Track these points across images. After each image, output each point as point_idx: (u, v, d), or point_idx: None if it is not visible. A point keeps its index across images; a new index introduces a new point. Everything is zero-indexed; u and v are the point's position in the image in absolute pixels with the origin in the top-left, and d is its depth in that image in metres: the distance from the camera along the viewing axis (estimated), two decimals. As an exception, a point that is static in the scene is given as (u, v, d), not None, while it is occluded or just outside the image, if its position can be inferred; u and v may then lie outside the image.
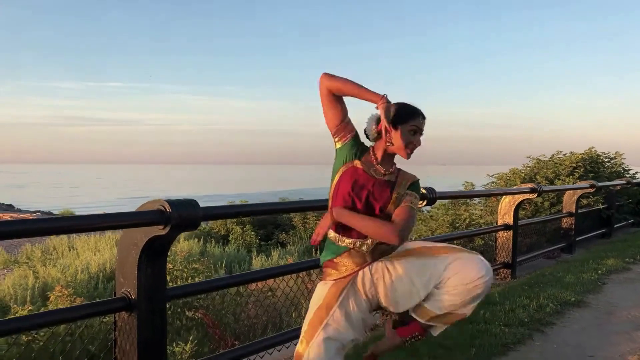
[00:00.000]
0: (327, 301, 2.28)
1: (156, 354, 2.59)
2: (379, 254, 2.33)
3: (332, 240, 2.36)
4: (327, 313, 2.25)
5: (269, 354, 3.48)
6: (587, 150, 11.48)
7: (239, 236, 14.62)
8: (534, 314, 4.40)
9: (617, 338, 3.99)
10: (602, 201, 9.56)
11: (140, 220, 2.35)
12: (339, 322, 2.23)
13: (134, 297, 2.50)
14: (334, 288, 2.31)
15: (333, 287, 2.32)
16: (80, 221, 2.31)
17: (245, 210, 3.20)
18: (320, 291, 2.36)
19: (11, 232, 2.05)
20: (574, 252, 7.97)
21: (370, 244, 2.30)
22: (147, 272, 2.52)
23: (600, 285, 5.60)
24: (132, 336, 2.53)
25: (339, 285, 2.31)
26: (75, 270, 9.27)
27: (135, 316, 2.51)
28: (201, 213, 2.48)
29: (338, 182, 2.33)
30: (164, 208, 2.35)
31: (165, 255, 2.63)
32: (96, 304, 2.65)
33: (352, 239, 2.30)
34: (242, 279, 3.42)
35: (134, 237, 2.48)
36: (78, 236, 15.26)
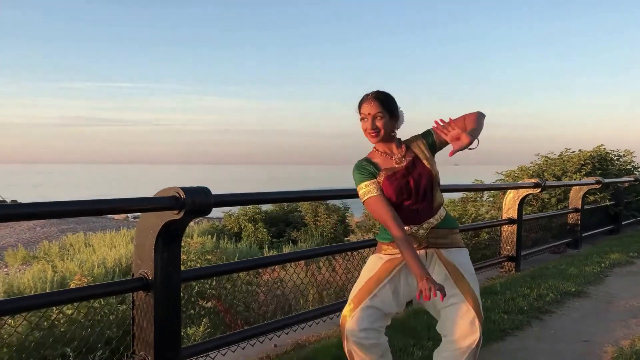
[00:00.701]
0: (379, 275, 2.47)
1: (171, 330, 2.79)
2: (435, 238, 2.48)
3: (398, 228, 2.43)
4: (376, 285, 2.44)
5: (277, 336, 3.67)
6: (596, 148, 11.54)
7: (251, 233, 14.85)
8: (533, 302, 4.56)
9: (613, 325, 4.14)
10: (609, 198, 9.64)
11: (157, 205, 2.55)
12: (386, 296, 2.43)
13: (150, 278, 2.71)
14: (388, 264, 2.49)
15: (387, 262, 2.50)
16: (104, 205, 2.51)
17: (254, 198, 3.40)
18: (372, 264, 2.55)
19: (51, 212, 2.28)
20: (580, 247, 8.07)
21: (425, 229, 2.47)
22: (163, 254, 2.72)
23: (602, 278, 5.73)
24: (149, 314, 2.73)
25: (393, 262, 2.49)
26: (91, 264, 9.53)
27: (152, 295, 2.71)
28: (212, 199, 2.68)
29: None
30: (178, 194, 2.55)
31: (180, 239, 2.83)
32: (116, 283, 2.87)
33: (409, 226, 2.44)
34: (253, 263, 3.63)
35: (151, 222, 2.68)
36: (94, 233, 15.63)
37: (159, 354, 2.73)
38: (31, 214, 2.34)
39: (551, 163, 10.87)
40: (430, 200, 2.47)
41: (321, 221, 15.25)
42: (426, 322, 3.70)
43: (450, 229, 2.54)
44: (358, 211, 16.59)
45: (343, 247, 4.49)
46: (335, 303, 4.13)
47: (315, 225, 15.23)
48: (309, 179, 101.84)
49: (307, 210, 15.69)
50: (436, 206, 2.50)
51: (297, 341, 3.71)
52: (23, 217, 2.31)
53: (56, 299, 2.65)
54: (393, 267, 2.49)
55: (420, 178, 2.44)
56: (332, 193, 3.99)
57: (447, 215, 2.56)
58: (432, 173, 2.47)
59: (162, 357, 2.75)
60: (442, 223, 2.50)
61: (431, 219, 2.47)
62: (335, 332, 3.86)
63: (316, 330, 3.90)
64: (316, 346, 3.50)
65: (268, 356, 3.39)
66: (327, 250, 4.41)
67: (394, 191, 2.43)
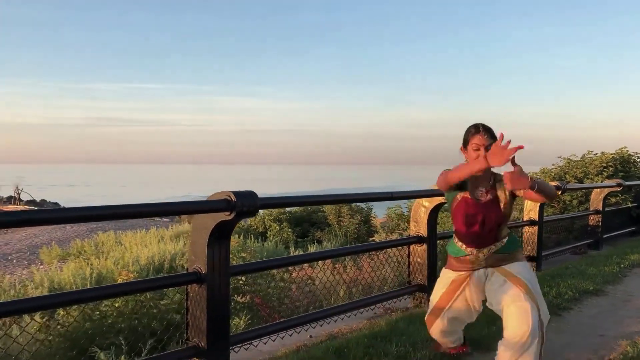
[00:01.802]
0: (453, 288, 3.01)
1: (222, 319, 3.12)
2: (493, 260, 2.92)
3: (457, 245, 3.02)
4: (449, 298, 3.01)
5: (312, 328, 3.98)
6: (619, 150, 11.61)
7: (276, 233, 15.19)
8: (552, 300, 4.79)
9: (629, 321, 4.37)
10: (631, 200, 9.77)
11: (212, 207, 2.88)
12: (458, 307, 3.00)
13: (204, 272, 3.04)
14: (459, 279, 3.00)
15: (458, 277, 3.01)
16: (166, 207, 2.85)
17: (296, 200, 3.71)
18: (445, 278, 3.08)
19: (118, 214, 2.63)
20: (601, 248, 8.23)
21: (485, 253, 2.92)
22: (214, 251, 3.05)
23: (621, 277, 5.94)
24: (202, 304, 3.07)
25: (462, 278, 3.00)
26: (125, 262, 9.94)
27: (205, 287, 3.04)
28: (259, 202, 3.00)
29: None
30: (230, 198, 2.88)
31: (229, 237, 3.15)
32: (173, 277, 3.21)
33: (472, 248, 2.94)
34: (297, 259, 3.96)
35: (204, 222, 3.01)
36: (123, 232, 16.12)
37: (211, 340, 3.06)
38: (103, 215, 2.69)
39: (573, 165, 10.99)
40: (494, 234, 2.90)
41: (345, 221, 15.53)
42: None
43: (509, 253, 2.93)
44: (381, 212, 16.82)
45: (379, 245, 4.80)
46: (364, 298, 4.44)
47: (338, 225, 15.52)
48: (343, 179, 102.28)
49: (331, 211, 15.98)
50: (499, 237, 2.92)
51: (330, 332, 4.02)
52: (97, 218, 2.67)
53: (124, 289, 3.01)
54: (462, 282, 3.00)
55: (491, 216, 2.85)
56: (370, 196, 4.32)
57: (508, 240, 2.96)
58: (503, 216, 2.87)
59: (214, 343, 3.08)
60: (502, 248, 2.93)
61: (492, 245, 2.91)
62: (366, 324, 4.16)
63: (347, 323, 4.21)
64: (348, 337, 3.79)
65: (305, 345, 3.69)
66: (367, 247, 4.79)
67: (463, 215, 2.91)
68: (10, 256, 16.47)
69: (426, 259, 4.67)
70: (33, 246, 18.39)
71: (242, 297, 5.20)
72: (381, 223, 16.14)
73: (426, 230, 4.63)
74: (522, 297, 2.74)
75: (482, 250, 2.92)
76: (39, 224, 2.46)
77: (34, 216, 2.43)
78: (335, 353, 3.39)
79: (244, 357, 3.46)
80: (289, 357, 3.40)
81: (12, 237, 21.23)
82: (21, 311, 2.77)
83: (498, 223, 2.87)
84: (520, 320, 2.69)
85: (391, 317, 4.27)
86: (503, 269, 2.90)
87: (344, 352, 3.40)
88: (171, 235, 14.34)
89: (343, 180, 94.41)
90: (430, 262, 4.67)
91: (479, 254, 2.92)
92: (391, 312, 4.58)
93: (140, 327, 4.59)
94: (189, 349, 3.09)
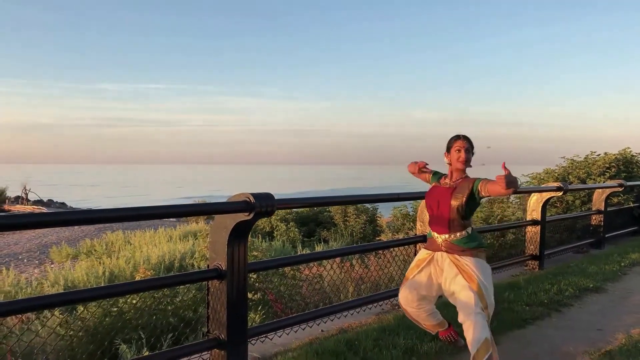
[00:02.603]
0: (418, 263, 3.50)
1: (240, 313, 3.32)
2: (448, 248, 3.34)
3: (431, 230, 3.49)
4: (414, 270, 3.49)
5: (323, 323, 4.18)
6: (622, 151, 11.75)
7: (283, 232, 15.40)
8: (553, 296, 4.99)
9: (627, 317, 4.56)
10: (632, 200, 9.93)
11: (232, 208, 3.09)
12: (421, 279, 3.44)
13: (224, 269, 3.24)
14: (426, 257, 3.46)
15: (425, 255, 3.47)
16: (189, 208, 3.06)
17: (310, 201, 3.92)
18: (418, 254, 3.60)
19: (146, 215, 2.83)
20: (603, 247, 8.41)
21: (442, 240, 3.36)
22: (234, 249, 3.26)
23: (621, 275, 6.12)
24: (222, 298, 3.27)
25: (428, 256, 3.45)
26: (136, 261, 10.15)
27: (225, 283, 3.25)
28: (276, 203, 3.21)
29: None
30: (249, 199, 3.08)
31: (247, 236, 3.36)
32: (194, 273, 3.41)
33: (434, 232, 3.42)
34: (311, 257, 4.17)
35: (224, 222, 3.22)
36: (131, 231, 16.36)
37: (230, 332, 3.27)
38: (130, 216, 2.91)
39: (576, 166, 11.15)
40: (446, 222, 3.33)
41: (350, 221, 15.72)
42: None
43: (466, 248, 3.31)
44: (387, 212, 17.02)
45: (389, 244, 5.00)
46: (372, 295, 4.64)
47: (344, 225, 15.71)
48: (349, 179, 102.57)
49: (337, 211, 16.17)
50: (453, 228, 3.32)
51: (341, 327, 4.22)
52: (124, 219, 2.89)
53: (151, 284, 3.20)
54: (425, 260, 3.46)
55: (444, 204, 3.34)
56: (379, 197, 4.54)
57: (467, 238, 3.33)
58: (452, 207, 3.30)
59: (233, 335, 3.28)
60: (458, 241, 3.31)
61: (447, 235, 3.34)
62: (375, 319, 4.36)
63: (357, 318, 4.41)
64: (358, 330, 4.00)
65: (317, 338, 3.89)
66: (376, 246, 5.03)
67: (428, 198, 3.51)
68: (20, 255, 16.71)
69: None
70: (42, 245, 18.62)
71: (255, 295, 5.41)
72: (387, 223, 16.32)
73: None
74: (467, 287, 3.16)
75: (440, 236, 3.37)
76: (74, 224, 2.66)
77: (69, 217, 2.65)
78: (347, 345, 3.59)
79: (260, 349, 3.66)
80: (302, 348, 3.60)
81: (21, 236, 21.49)
82: (61, 304, 2.98)
83: (447, 212, 3.31)
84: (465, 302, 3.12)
85: (399, 313, 4.46)
86: (457, 259, 3.30)
87: (354, 344, 3.60)
88: (179, 235, 14.57)
89: (348, 180, 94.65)
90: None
91: (438, 239, 3.39)
92: (398, 307, 4.77)
93: (157, 323, 4.81)
94: (210, 341, 3.29)
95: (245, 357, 3.37)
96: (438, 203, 3.37)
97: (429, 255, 3.45)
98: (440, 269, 3.39)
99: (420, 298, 3.47)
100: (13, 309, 2.67)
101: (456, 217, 3.31)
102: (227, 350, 3.27)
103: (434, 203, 3.41)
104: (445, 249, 3.35)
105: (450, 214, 3.31)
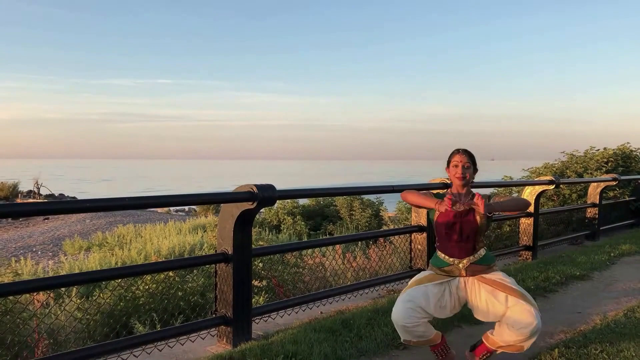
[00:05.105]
0: (421, 280, 3.21)
1: (245, 293, 3.67)
2: (472, 271, 3.17)
3: (440, 257, 3.25)
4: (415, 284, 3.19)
5: (323, 305, 4.53)
6: (621, 146, 11.99)
7: (289, 225, 15.75)
8: (540, 283, 5.30)
9: (607, 301, 4.87)
10: (628, 194, 10.20)
11: (238, 198, 3.43)
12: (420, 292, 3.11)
13: (230, 253, 3.59)
14: (432, 276, 3.21)
15: (432, 276, 3.22)
16: (198, 197, 3.41)
17: (309, 192, 4.25)
18: (422, 274, 3.31)
19: (155, 203, 3.18)
20: (597, 239, 8.69)
21: (465, 263, 3.17)
22: (239, 235, 3.61)
23: (609, 265, 6.42)
24: (229, 280, 3.62)
25: (437, 278, 3.20)
26: (147, 253, 10.53)
27: (231, 266, 3.60)
28: (277, 194, 3.55)
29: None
30: (252, 190, 3.43)
31: (252, 224, 3.71)
32: (204, 257, 3.77)
33: (453, 258, 3.19)
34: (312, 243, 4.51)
35: (230, 211, 3.57)
36: (141, 225, 16.78)
37: (236, 311, 3.63)
38: (151, 204, 3.25)
39: (575, 161, 11.43)
40: (472, 243, 3.17)
41: (356, 215, 16.06)
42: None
43: (487, 265, 3.20)
44: (391, 205, 17.34)
45: (385, 232, 5.35)
46: (369, 280, 4.98)
47: (350, 218, 16.05)
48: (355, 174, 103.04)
49: (343, 205, 16.51)
50: (477, 248, 3.18)
51: (339, 309, 4.56)
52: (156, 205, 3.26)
53: (163, 266, 3.57)
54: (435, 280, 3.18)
55: (467, 225, 3.15)
56: (373, 189, 4.88)
57: (485, 255, 3.21)
58: (478, 226, 3.15)
59: (238, 314, 3.64)
60: (480, 261, 3.18)
61: (470, 256, 3.16)
62: (370, 303, 4.70)
63: (354, 302, 4.75)
64: (354, 312, 4.34)
65: (316, 319, 4.23)
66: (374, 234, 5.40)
67: (444, 225, 3.20)
68: (34, 248, 17.17)
69: (426, 246, 5.19)
70: (55, 238, 19.07)
71: (260, 282, 5.76)
72: (392, 217, 16.66)
73: (426, 220, 5.15)
74: (521, 301, 3.00)
75: (462, 261, 3.16)
76: (101, 209, 3.01)
77: (97, 204, 3.00)
78: (342, 323, 3.93)
79: (264, 327, 4.01)
80: (302, 327, 3.94)
81: (34, 230, 21.98)
82: (85, 282, 3.34)
83: (474, 232, 3.15)
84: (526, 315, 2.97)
85: (393, 297, 4.79)
86: (485, 278, 3.14)
87: (349, 323, 3.94)
88: (189, 228, 14.97)
89: (356, 175, 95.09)
90: (430, 249, 5.19)
91: (459, 264, 3.16)
92: (394, 293, 5.11)
93: (168, 307, 5.17)
94: (218, 318, 3.65)
95: (250, 333, 3.73)
96: (460, 227, 3.15)
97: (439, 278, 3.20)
98: (464, 292, 3.18)
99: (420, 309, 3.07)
100: (46, 284, 3.03)
101: (480, 237, 3.21)
102: (232, 326, 3.63)
103: (454, 228, 3.16)
104: (469, 273, 3.17)
105: (477, 236, 3.17)
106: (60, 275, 3.37)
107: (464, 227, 3.15)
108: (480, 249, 3.19)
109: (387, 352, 3.58)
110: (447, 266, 3.21)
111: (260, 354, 3.34)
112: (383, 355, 3.54)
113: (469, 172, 3.22)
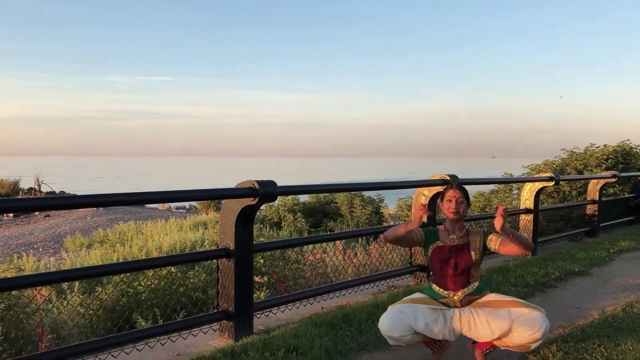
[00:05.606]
0: (414, 300, 3.19)
1: (246, 288, 3.71)
2: (467, 301, 3.15)
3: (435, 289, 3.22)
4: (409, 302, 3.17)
5: (323, 300, 4.57)
6: (621, 143, 12.02)
7: (290, 223, 15.79)
8: (539, 279, 5.34)
9: (605, 297, 4.91)
10: (628, 190, 10.23)
11: (239, 193, 3.47)
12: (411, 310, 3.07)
13: (232, 248, 3.63)
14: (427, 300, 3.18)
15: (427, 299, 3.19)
16: (201, 193, 3.44)
17: (308, 188, 4.29)
18: (416, 294, 3.29)
19: (157, 199, 3.22)
20: (597, 236, 8.73)
21: (460, 296, 3.15)
22: (240, 231, 3.65)
23: (608, 261, 6.46)
24: (230, 275, 3.66)
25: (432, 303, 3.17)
26: (149, 249, 10.56)
27: (232, 261, 3.64)
28: (278, 190, 3.59)
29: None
30: (254, 185, 3.47)
31: (253, 220, 3.74)
32: (207, 252, 3.81)
33: (447, 291, 3.17)
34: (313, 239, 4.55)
35: (232, 207, 3.60)
36: (142, 222, 16.83)
37: (238, 305, 3.67)
38: (153, 199, 3.29)
39: (575, 157, 11.46)
40: (466, 276, 3.17)
41: (357, 212, 16.09)
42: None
43: (480, 295, 3.19)
44: (392, 203, 17.38)
45: (384, 229, 5.36)
46: (369, 275, 5.02)
47: (350, 216, 16.08)
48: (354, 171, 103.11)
49: (343, 202, 16.54)
50: (472, 280, 3.18)
51: (340, 305, 4.60)
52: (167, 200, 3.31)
53: (165, 261, 3.61)
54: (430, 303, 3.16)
55: (462, 259, 3.16)
56: (371, 185, 4.90)
57: (479, 285, 3.21)
58: (472, 261, 3.16)
59: (240, 308, 3.68)
60: (474, 291, 3.17)
61: (465, 289, 3.16)
62: (371, 298, 4.74)
63: (355, 297, 4.79)
64: (355, 307, 4.38)
65: (317, 314, 4.28)
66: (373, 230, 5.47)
67: (438, 259, 3.20)
68: (35, 245, 17.21)
69: (426, 242, 5.23)
70: (57, 235, 19.11)
71: (261, 278, 5.80)
72: (392, 214, 16.72)
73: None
74: (525, 309, 2.99)
75: (457, 293, 3.15)
76: (107, 205, 3.05)
77: (102, 199, 3.04)
78: (343, 318, 3.97)
79: (265, 322, 4.05)
80: (303, 321, 3.98)
81: (35, 227, 22.03)
82: (88, 276, 3.38)
83: (468, 266, 3.15)
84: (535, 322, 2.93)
85: (393, 292, 4.84)
86: (480, 302, 3.13)
87: (350, 317, 3.98)
88: (190, 225, 15.02)
89: (356, 172, 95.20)
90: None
91: (454, 297, 3.15)
92: (394, 288, 5.15)
93: (170, 303, 5.21)
94: (220, 313, 3.69)
95: (251, 327, 3.77)
96: (455, 262, 3.16)
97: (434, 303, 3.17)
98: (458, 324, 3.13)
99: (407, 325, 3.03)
100: (49, 279, 3.08)
101: (475, 271, 3.20)
102: (234, 321, 3.67)
103: (449, 263, 3.17)
104: (464, 304, 3.16)
105: (472, 270, 3.18)
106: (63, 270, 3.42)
107: (458, 261, 3.16)
108: (474, 282, 3.20)
109: (387, 346, 3.62)
110: (442, 298, 3.20)
111: (262, 348, 3.38)
112: (383, 349, 3.58)
113: (463, 206, 3.22)
